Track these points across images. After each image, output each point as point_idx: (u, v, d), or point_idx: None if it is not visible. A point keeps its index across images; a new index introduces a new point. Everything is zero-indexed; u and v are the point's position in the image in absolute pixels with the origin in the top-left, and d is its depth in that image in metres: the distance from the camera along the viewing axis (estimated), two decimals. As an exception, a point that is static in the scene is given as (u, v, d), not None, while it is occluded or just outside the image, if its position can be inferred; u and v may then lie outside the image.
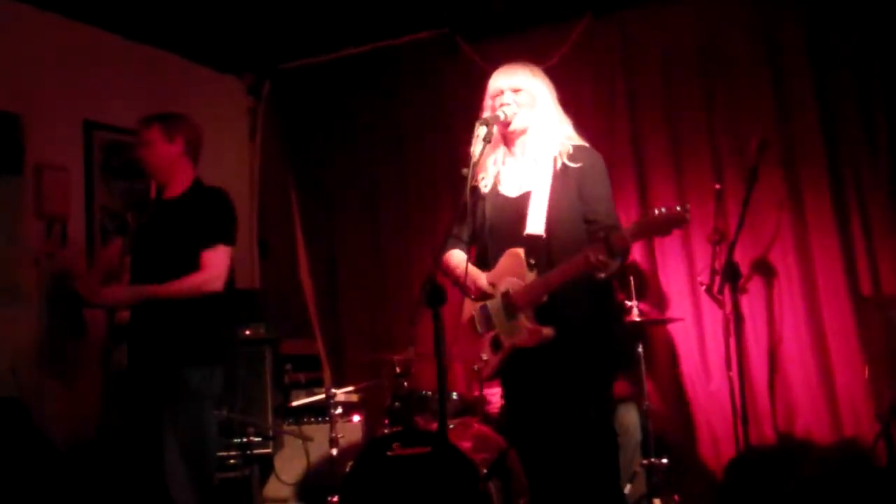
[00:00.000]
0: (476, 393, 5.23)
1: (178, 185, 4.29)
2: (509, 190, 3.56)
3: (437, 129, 6.45)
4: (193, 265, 4.06)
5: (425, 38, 6.43)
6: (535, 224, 3.42)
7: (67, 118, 5.68)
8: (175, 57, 6.52)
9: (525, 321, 3.41)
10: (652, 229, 3.12)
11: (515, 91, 3.54)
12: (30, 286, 5.25)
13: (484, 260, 3.63)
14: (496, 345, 3.55)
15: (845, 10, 5.22)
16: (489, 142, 3.43)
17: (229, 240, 4.20)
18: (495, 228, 3.56)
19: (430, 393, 5.15)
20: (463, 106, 6.18)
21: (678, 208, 3.05)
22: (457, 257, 3.68)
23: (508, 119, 3.48)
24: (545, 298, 3.36)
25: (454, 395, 5.17)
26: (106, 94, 5.93)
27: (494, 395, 5.04)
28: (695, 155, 5.61)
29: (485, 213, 3.62)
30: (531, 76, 3.59)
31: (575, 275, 3.26)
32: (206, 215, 4.16)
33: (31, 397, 4.90)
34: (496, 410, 5.00)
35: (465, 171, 3.37)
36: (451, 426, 4.71)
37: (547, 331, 3.37)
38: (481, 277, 3.57)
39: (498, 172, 3.60)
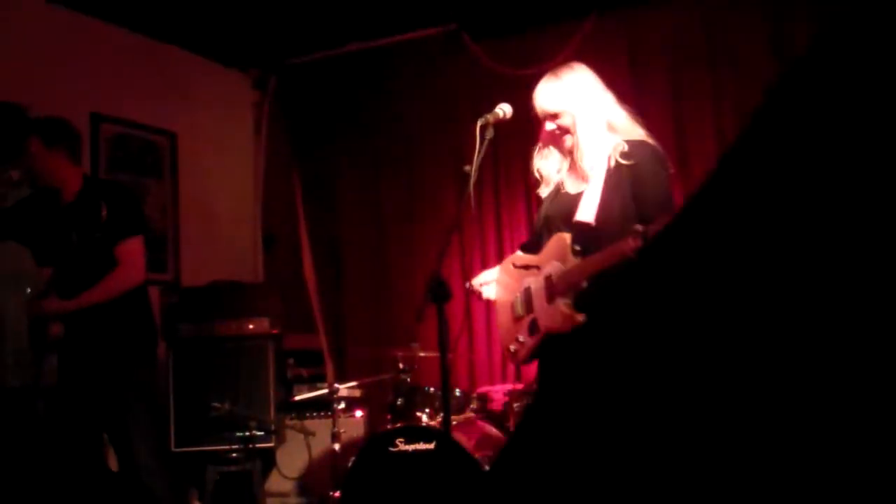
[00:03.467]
0: (479, 390, 5.23)
1: (71, 186, 4.26)
2: (569, 188, 3.55)
3: (441, 125, 6.45)
4: (111, 263, 4.10)
5: (431, 35, 6.43)
6: (586, 212, 3.37)
7: (74, 110, 5.66)
8: (182, 51, 6.53)
9: (562, 306, 3.37)
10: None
11: (554, 117, 3.48)
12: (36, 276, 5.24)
13: (539, 249, 3.61)
14: (533, 328, 3.51)
15: (854, 2, 5.19)
16: (491, 139, 3.43)
17: (140, 230, 4.22)
18: (550, 219, 3.54)
19: (432, 389, 5.14)
20: (468, 103, 6.21)
21: None
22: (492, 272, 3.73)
23: (507, 115, 3.47)
24: (584, 284, 3.31)
25: (457, 392, 5.16)
26: (113, 86, 5.94)
27: (497, 393, 5.03)
28: (702, 151, 5.59)
29: (545, 208, 3.62)
30: (566, 92, 3.46)
31: (612, 263, 3.19)
32: (116, 211, 4.14)
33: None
34: (499, 408, 4.99)
35: (467, 168, 3.36)
36: (454, 423, 4.70)
37: (580, 317, 3.32)
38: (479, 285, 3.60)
39: (561, 180, 3.58)
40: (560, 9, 5.94)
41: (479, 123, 3.41)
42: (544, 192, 3.62)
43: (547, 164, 3.60)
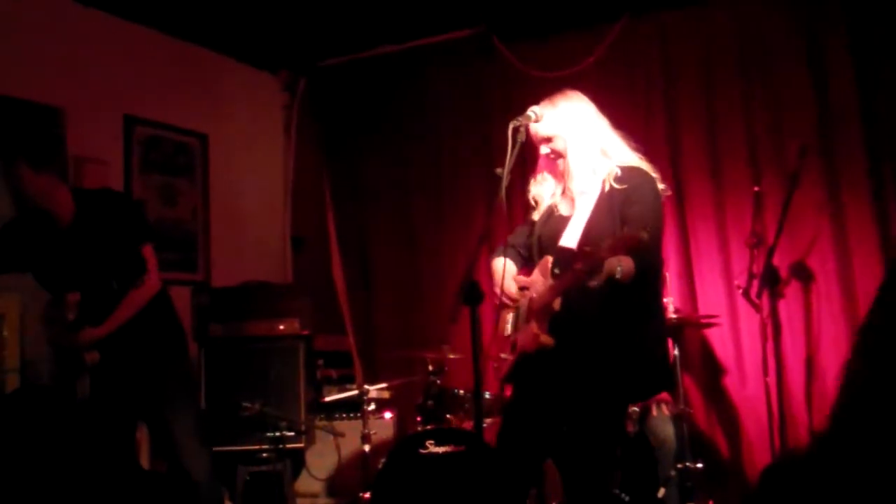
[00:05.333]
0: (508, 392, 5.22)
1: (65, 208, 4.04)
2: (562, 211, 3.59)
3: (472, 127, 6.44)
4: (128, 275, 4.02)
5: (461, 38, 6.43)
6: (570, 238, 3.47)
7: (108, 112, 5.75)
8: (213, 53, 6.57)
9: (532, 326, 3.43)
10: (620, 247, 3.07)
11: (547, 141, 3.52)
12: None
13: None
14: (513, 346, 3.61)
15: (889, 9, 5.16)
16: (523, 141, 3.43)
17: (148, 236, 4.11)
18: (541, 241, 3.61)
19: (462, 391, 5.15)
20: (498, 105, 6.22)
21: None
22: (496, 265, 3.69)
23: (539, 117, 3.47)
24: (556, 307, 3.36)
25: (486, 395, 5.16)
26: (146, 89, 5.99)
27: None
28: (733, 157, 5.55)
29: (538, 229, 3.65)
30: (560, 117, 3.49)
31: (569, 285, 3.26)
32: (119, 224, 4.05)
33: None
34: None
35: (498, 170, 3.38)
36: (484, 425, 4.71)
37: (545, 338, 3.38)
38: (513, 285, 3.61)
39: (554, 203, 3.60)
40: (591, 12, 5.92)
41: (511, 126, 3.42)
42: (536, 216, 3.68)
43: (541, 190, 3.66)
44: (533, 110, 3.47)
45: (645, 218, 3.26)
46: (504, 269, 3.61)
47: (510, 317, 3.70)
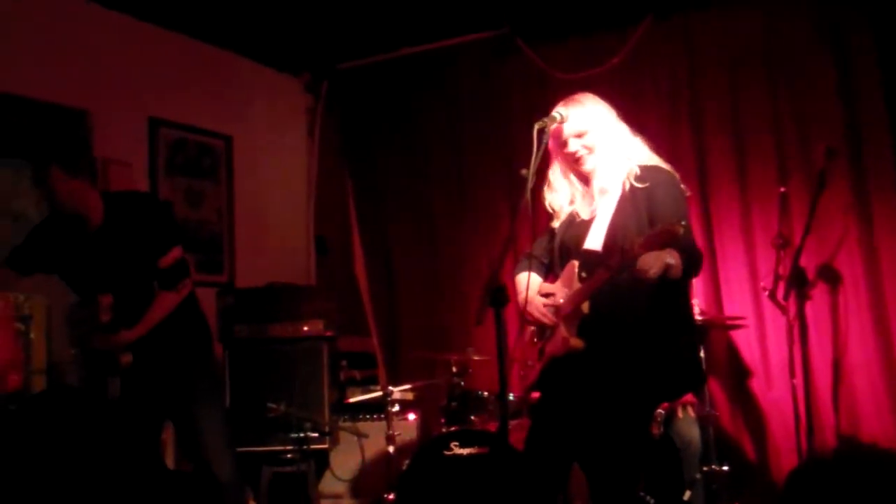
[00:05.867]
0: (533, 395, 5.22)
1: (96, 211, 4.06)
2: (583, 216, 3.56)
3: (495, 128, 6.44)
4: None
5: (484, 39, 6.43)
6: (594, 240, 3.44)
7: (133, 115, 5.78)
8: (236, 56, 6.61)
9: (561, 329, 3.41)
10: (657, 242, 3.05)
11: (579, 136, 3.49)
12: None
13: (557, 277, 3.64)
14: (541, 353, 3.58)
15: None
16: (547, 143, 3.42)
17: (178, 238, 4.11)
18: (564, 247, 3.57)
19: (486, 393, 5.15)
20: (520, 106, 6.21)
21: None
22: (521, 282, 3.67)
23: (564, 119, 3.45)
24: (585, 311, 3.35)
25: (511, 397, 5.15)
26: (170, 91, 6.03)
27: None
28: (759, 158, 5.53)
29: (560, 236, 3.64)
30: (592, 112, 3.49)
31: (601, 284, 3.24)
32: (149, 226, 4.07)
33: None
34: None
35: (524, 171, 3.36)
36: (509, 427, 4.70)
37: (575, 341, 3.35)
38: (538, 300, 3.55)
39: (575, 210, 3.59)
40: (615, 13, 5.90)
41: (536, 127, 3.40)
42: (556, 223, 3.65)
43: (558, 197, 3.62)
44: (559, 111, 3.45)
45: (678, 212, 3.26)
46: (528, 282, 3.57)
47: (538, 326, 3.65)
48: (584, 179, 3.55)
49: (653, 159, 3.50)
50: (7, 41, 5.02)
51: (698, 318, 4.98)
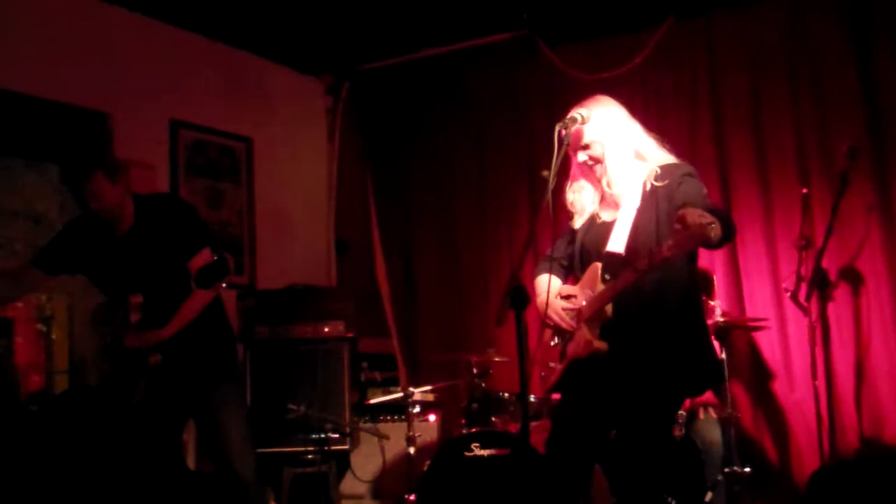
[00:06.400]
0: (554, 396, 5.21)
1: (129, 215, 4.16)
2: (604, 218, 3.56)
3: (515, 130, 6.45)
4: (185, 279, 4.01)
5: (505, 40, 6.41)
6: (617, 242, 3.43)
7: (154, 117, 5.80)
8: (257, 58, 6.62)
9: (584, 331, 3.41)
10: (686, 242, 3.03)
11: (585, 148, 3.50)
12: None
13: (578, 279, 3.63)
14: (562, 355, 3.58)
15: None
16: (568, 144, 3.41)
17: (206, 240, 4.14)
18: (584, 249, 3.57)
19: (507, 395, 5.15)
20: (540, 107, 6.21)
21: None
22: (541, 285, 3.67)
23: (585, 119, 3.45)
24: (609, 313, 3.34)
25: (532, 398, 5.15)
26: (191, 93, 6.05)
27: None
28: (781, 159, 5.50)
29: (580, 238, 3.63)
30: (595, 123, 3.46)
31: (626, 286, 3.23)
32: (178, 228, 4.14)
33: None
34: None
35: (545, 173, 3.35)
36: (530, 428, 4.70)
37: (598, 343, 3.35)
38: (557, 303, 3.55)
39: (596, 211, 3.59)
40: (636, 13, 5.88)
41: (557, 128, 3.40)
42: (578, 223, 3.63)
43: (580, 198, 3.62)
44: (579, 112, 3.45)
45: (700, 200, 3.25)
46: (549, 285, 3.57)
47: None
48: (603, 186, 3.55)
49: (669, 159, 3.50)
50: (30, 44, 5.05)
51: (720, 319, 4.97)
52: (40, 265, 4.23)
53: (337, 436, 5.33)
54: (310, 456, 5.31)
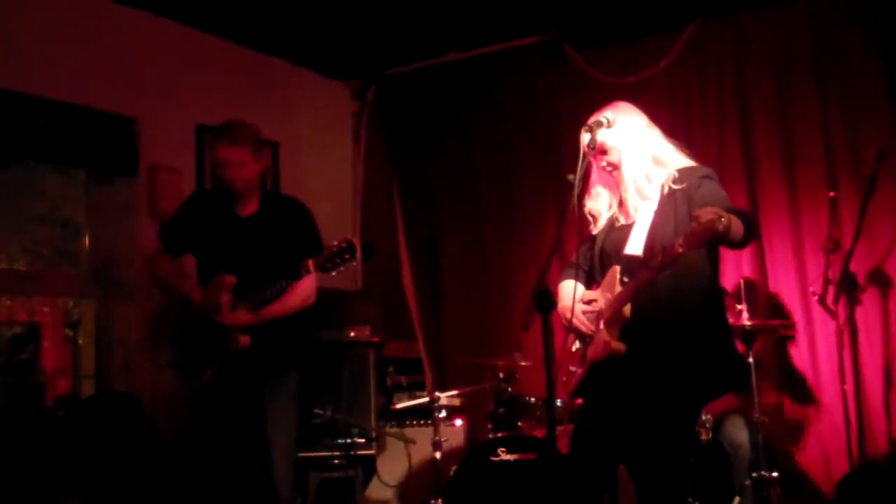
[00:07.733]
0: (579, 401, 5.20)
1: (254, 198, 4.28)
2: (623, 221, 3.59)
3: (542, 134, 6.43)
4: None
5: (531, 44, 6.42)
6: (635, 245, 3.46)
7: (180, 121, 5.82)
8: (282, 62, 6.64)
9: (602, 333, 3.41)
10: (696, 236, 3.02)
11: (603, 154, 3.52)
12: (142, 285, 5.37)
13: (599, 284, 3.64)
14: (582, 359, 3.59)
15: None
16: (593, 148, 3.41)
17: (318, 251, 4.12)
18: (604, 254, 3.60)
19: (533, 399, 5.14)
20: (568, 111, 6.18)
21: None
22: (564, 290, 3.68)
23: (611, 123, 3.45)
24: (627, 315, 3.35)
25: (558, 402, 5.14)
26: (217, 98, 6.06)
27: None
28: (808, 162, 5.47)
29: (599, 243, 3.65)
30: (615, 128, 3.47)
31: (642, 285, 3.25)
32: (300, 231, 4.25)
33: (142, 392, 5.02)
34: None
35: (570, 176, 3.36)
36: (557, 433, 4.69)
37: (617, 345, 3.36)
38: (577, 308, 3.55)
39: (615, 216, 3.61)
40: (662, 16, 5.86)
41: (582, 132, 3.40)
42: (596, 230, 3.67)
43: (597, 204, 3.65)
44: (605, 116, 3.45)
45: (720, 202, 3.25)
46: (574, 292, 3.56)
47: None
48: (621, 191, 3.56)
49: (686, 162, 3.52)
50: (57, 49, 5.08)
51: (747, 322, 4.95)
52: (164, 243, 4.34)
53: (363, 440, 5.33)
54: (336, 461, 5.29)
